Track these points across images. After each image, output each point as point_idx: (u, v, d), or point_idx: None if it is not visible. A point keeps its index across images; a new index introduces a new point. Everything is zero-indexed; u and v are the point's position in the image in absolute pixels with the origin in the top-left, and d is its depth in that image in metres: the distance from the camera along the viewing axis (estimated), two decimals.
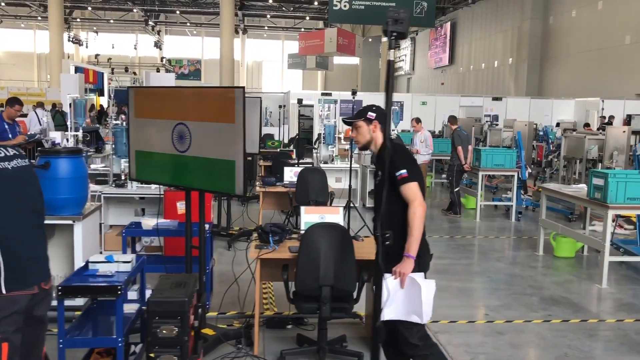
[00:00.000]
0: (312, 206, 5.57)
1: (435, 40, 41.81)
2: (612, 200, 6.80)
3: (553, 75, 28.26)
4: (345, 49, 31.15)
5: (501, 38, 32.88)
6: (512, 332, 5.49)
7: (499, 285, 6.97)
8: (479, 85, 35.40)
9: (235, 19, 41.93)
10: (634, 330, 5.60)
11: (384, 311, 3.57)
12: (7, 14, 43.17)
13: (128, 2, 38.60)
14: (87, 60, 43.07)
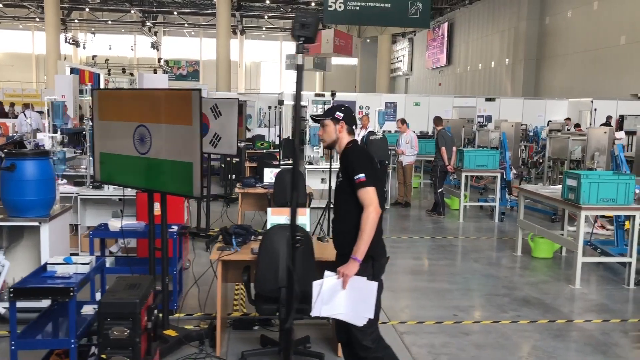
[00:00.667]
0: (278, 208, 5.57)
1: (432, 40, 41.83)
2: (585, 201, 6.81)
3: (549, 75, 28.28)
4: (342, 50, 31.18)
5: (498, 38, 32.89)
6: (478, 332, 5.50)
7: (473, 286, 6.98)
8: (475, 86, 35.40)
9: (233, 20, 42.06)
10: (601, 331, 5.62)
11: (319, 308, 3.68)
12: (5, 15, 43.21)
13: (126, 3, 38.68)
14: (85, 61, 43.13)
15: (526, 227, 8.18)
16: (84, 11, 41.86)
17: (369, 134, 11.00)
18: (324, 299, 3.70)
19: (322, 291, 3.69)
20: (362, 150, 4.03)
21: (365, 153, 4.00)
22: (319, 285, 3.70)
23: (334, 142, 4.03)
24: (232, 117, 8.00)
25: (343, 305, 3.70)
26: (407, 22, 25.25)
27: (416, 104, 21.86)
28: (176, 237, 5.53)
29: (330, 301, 3.70)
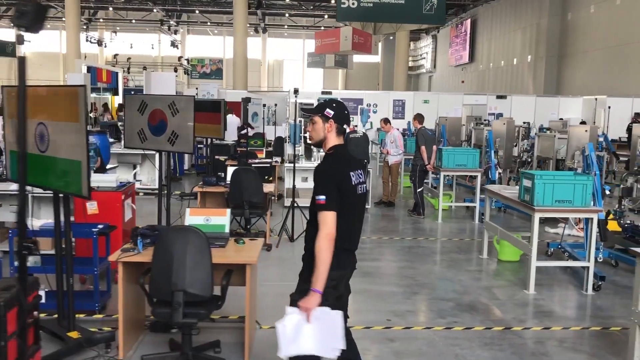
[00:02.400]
0: (199, 208, 5.45)
1: (455, 37, 41.26)
2: (539, 202, 6.53)
3: (571, 72, 27.61)
4: (361, 47, 30.90)
5: (520, 35, 32.25)
6: (404, 339, 5.30)
7: (422, 289, 6.76)
8: (498, 83, 34.80)
9: (255, 18, 42.13)
10: (536, 339, 5.36)
11: (287, 347, 3.35)
12: None
13: (149, 2, 39.00)
14: (111, 60, 43.72)
15: (490, 229, 7.91)
16: (108, 10, 42.34)
17: (349, 132, 10.81)
18: (290, 337, 3.36)
19: (287, 330, 3.36)
20: (334, 165, 3.56)
21: (335, 171, 3.52)
22: (283, 325, 3.37)
23: (321, 141, 3.69)
24: (188, 115, 7.88)
25: (311, 341, 3.38)
26: (421, 18, 24.87)
27: (425, 102, 21.57)
28: (96, 236, 5.44)
29: (297, 339, 3.36)
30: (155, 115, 8.19)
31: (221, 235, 5.17)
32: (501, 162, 12.22)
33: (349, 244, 3.60)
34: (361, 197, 3.63)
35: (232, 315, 5.58)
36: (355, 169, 3.60)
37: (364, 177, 3.67)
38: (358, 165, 3.70)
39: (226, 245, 5.00)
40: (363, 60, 44.48)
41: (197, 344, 4.88)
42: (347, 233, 3.55)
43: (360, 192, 3.59)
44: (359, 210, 3.68)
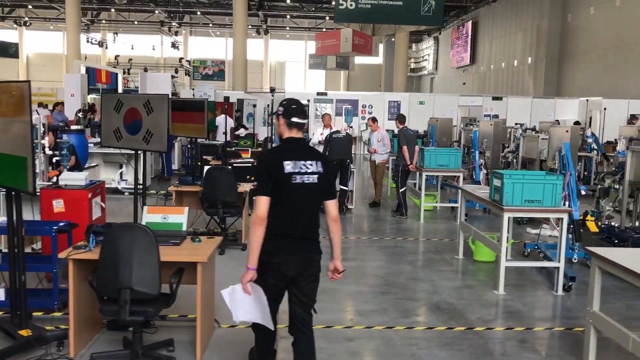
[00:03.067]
0: (156, 206, 5.42)
1: (457, 39, 41.18)
2: (508, 202, 6.48)
3: (571, 74, 27.49)
4: (361, 49, 30.92)
5: (521, 37, 32.14)
6: (363, 338, 5.25)
7: (391, 289, 6.71)
8: (499, 85, 34.69)
9: (257, 19, 42.15)
10: (497, 339, 5.31)
11: (236, 313, 3.89)
12: (36, 16, 44.26)
13: (151, 4, 39.07)
14: (112, 61, 43.82)
15: (465, 229, 7.85)
16: (110, 11, 42.46)
17: (332, 132, 10.78)
18: (237, 305, 3.83)
19: (233, 298, 3.83)
20: (269, 154, 4.00)
21: (267, 157, 3.92)
22: (226, 294, 3.84)
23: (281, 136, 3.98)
24: (162, 113, 7.87)
25: (249, 309, 3.83)
26: (420, 20, 24.85)
27: (420, 103, 21.50)
28: (55, 234, 5.42)
29: (241, 307, 3.82)
30: (130, 114, 8.19)
31: (178, 233, 5.15)
32: (488, 163, 12.18)
33: (288, 230, 3.78)
34: (302, 187, 3.76)
35: (192, 314, 5.53)
36: (298, 159, 3.77)
37: (315, 169, 3.80)
38: (308, 157, 3.83)
39: (181, 243, 4.97)
40: (365, 62, 44.47)
41: (151, 342, 4.87)
42: (285, 220, 3.77)
43: (297, 181, 3.74)
44: (302, 199, 3.78)
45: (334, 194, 4.00)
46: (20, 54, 44.92)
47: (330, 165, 3.99)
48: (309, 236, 3.87)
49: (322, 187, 3.85)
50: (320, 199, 3.91)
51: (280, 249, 3.76)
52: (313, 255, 3.88)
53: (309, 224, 3.87)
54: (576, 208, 7.19)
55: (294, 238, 3.80)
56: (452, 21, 41.72)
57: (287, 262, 3.78)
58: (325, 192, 3.90)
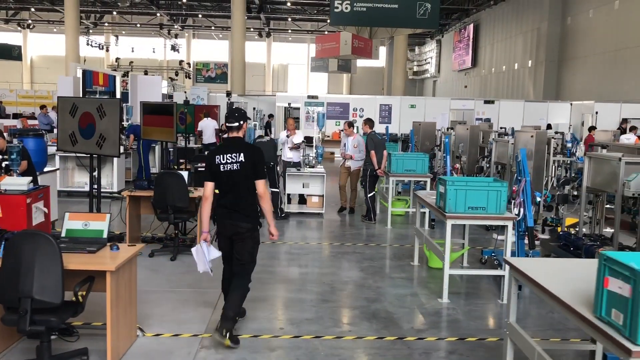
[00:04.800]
0: (78, 213, 5.35)
1: (459, 42, 40.99)
2: (451, 209, 6.36)
3: (571, 77, 27.25)
4: (361, 52, 30.75)
5: (521, 40, 31.93)
6: (287, 348, 5.16)
7: (333, 296, 6.60)
8: (500, 88, 34.48)
9: (259, 22, 42.18)
10: (425, 349, 5.20)
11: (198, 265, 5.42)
12: (40, 19, 44.55)
13: (153, 7, 39.18)
14: (112, 64, 43.98)
15: (419, 235, 7.73)
16: (115, 15, 42.66)
17: (256, 138, 11.28)
18: (198, 259, 5.38)
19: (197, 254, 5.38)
20: (209, 153, 5.64)
21: (207, 156, 5.48)
22: (195, 250, 5.41)
23: None
24: (114, 118, 7.82)
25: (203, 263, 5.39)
26: (415, 23, 24.72)
27: (412, 106, 21.36)
28: None
29: (199, 260, 5.38)
30: (85, 119, 8.15)
31: (98, 240, 5.07)
32: (465, 168, 12.05)
33: (222, 202, 5.26)
34: (227, 172, 5.17)
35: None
36: (226, 153, 5.19)
37: (237, 159, 5.15)
38: (234, 150, 5.18)
39: (98, 251, 4.89)
40: (367, 64, 44.29)
41: (67, 350, 4.82)
42: (220, 196, 5.28)
43: (223, 169, 5.17)
44: (228, 181, 5.20)
45: (260, 176, 5.21)
46: (24, 56, 45.27)
47: (254, 154, 5.20)
48: (236, 208, 5.21)
49: (244, 171, 5.15)
50: (244, 181, 5.18)
51: (220, 216, 5.28)
52: (239, 223, 5.22)
53: (235, 199, 5.21)
54: (530, 215, 7.04)
55: (226, 208, 5.23)
56: (454, 24, 41.54)
57: (224, 225, 5.29)
58: (251, 174, 5.17)
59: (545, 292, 3.86)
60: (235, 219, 5.20)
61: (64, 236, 5.15)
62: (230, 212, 5.20)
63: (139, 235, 8.68)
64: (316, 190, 11.05)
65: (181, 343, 5.19)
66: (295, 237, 9.44)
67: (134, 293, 5.16)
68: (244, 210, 5.20)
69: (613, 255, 3.26)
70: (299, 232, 9.89)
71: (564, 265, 4.47)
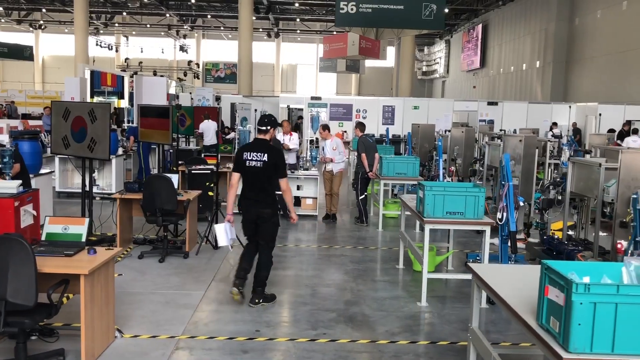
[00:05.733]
0: (58, 217, 5.49)
1: (467, 42, 40.92)
2: (429, 214, 6.45)
3: (578, 78, 27.18)
4: (368, 52, 30.75)
5: (529, 40, 31.86)
6: (260, 350, 5.27)
7: (313, 299, 6.70)
8: (508, 89, 34.42)
9: (268, 22, 42.34)
10: (395, 353, 5.30)
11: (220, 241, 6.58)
12: (51, 19, 45.00)
13: (162, 7, 39.47)
14: (121, 64, 44.31)
15: (404, 238, 7.82)
16: (125, 15, 42.99)
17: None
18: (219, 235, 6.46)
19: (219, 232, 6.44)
20: (238, 149, 6.68)
21: (237, 151, 6.62)
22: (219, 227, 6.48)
23: None
24: (105, 122, 7.99)
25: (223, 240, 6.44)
26: (421, 24, 24.72)
27: (415, 108, 21.40)
28: None
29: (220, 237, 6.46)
30: (77, 122, 8.32)
31: (76, 244, 5.21)
32: (460, 171, 12.10)
33: (246, 194, 6.34)
34: (252, 168, 6.20)
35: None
36: (251, 151, 6.26)
37: (260, 158, 6.18)
38: (259, 150, 6.23)
39: (75, 254, 5.03)
40: (376, 65, 44.28)
41: (44, 350, 4.96)
42: (244, 188, 6.37)
43: (248, 165, 6.21)
44: (251, 175, 6.24)
45: (282, 174, 6.29)
46: (36, 56, 45.71)
47: (276, 156, 6.27)
48: (258, 199, 6.25)
49: (266, 169, 6.17)
50: (265, 177, 6.21)
51: (245, 205, 6.33)
52: (262, 210, 6.25)
53: (258, 191, 6.25)
54: (513, 219, 7.10)
55: (251, 199, 6.29)
56: (463, 24, 41.49)
57: (249, 211, 6.31)
58: (273, 172, 6.22)
59: (497, 297, 3.95)
60: (258, 207, 6.24)
61: (44, 240, 5.31)
62: (254, 202, 6.26)
63: (131, 237, 8.83)
64: (310, 192, 11.14)
65: (157, 344, 5.32)
66: (286, 240, 9.54)
67: (112, 295, 5.30)
68: (265, 200, 6.25)
69: (552, 264, 3.35)
70: (290, 234, 10.00)
71: (524, 271, 4.54)
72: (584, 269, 3.43)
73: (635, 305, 2.98)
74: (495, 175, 10.86)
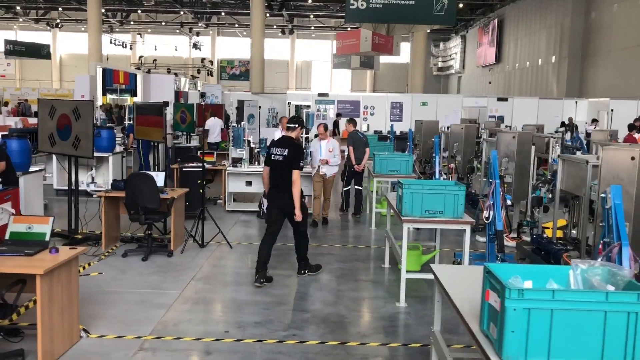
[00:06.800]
0: (23, 216, 5.44)
1: (483, 38, 40.45)
2: (407, 212, 6.30)
3: (594, 73, 26.70)
4: (381, 48, 30.59)
5: (545, 35, 31.39)
6: (224, 352, 5.17)
7: (290, 299, 6.60)
8: (523, 85, 33.97)
9: (282, 19, 42.25)
10: (363, 355, 5.17)
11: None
12: (68, 18, 45.35)
13: (177, 5, 39.54)
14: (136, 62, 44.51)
15: (389, 237, 7.67)
16: (137, 13, 43.18)
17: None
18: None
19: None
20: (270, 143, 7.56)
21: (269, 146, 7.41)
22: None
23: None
24: (88, 120, 7.95)
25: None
26: (432, 19, 24.29)
27: (423, 104, 21.16)
28: None
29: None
30: (62, 120, 8.29)
31: (40, 243, 5.15)
32: (459, 168, 11.92)
33: (273, 184, 7.12)
34: (276, 162, 7.03)
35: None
36: (276, 147, 7.11)
37: (282, 153, 6.98)
38: (283, 145, 7.06)
39: (37, 253, 4.96)
40: (391, 61, 44.07)
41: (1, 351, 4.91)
42: (271, 179, 7.13)
43: (273, 158, 7.06)
44: (275, 168, 7.05)
45: (295, 167, 6.92)
46: (53, 55, 46.10)
47: (295, 151, 6.99)
48: (283, 189, 6.95)
49: (287, 162, 6.92)
50: (287, 169, 6.91)
51: (272, 193, 7.14)
52: (287, 200, 6.91)
53: (281, 182, 6.97)
54: (499, 218, 6.92)
55: (277, 188, 7.06)
56: (478, 19, 41.05)
57: (275, 200, 7.11)
58: (289, 165, 6.91)
59: (449, 299, 3.81)
60: (283, 197, 6.94)
61: (7, 239, 5.26)
62: (280, 191, 7.00)
63: (117, 234, 8.79)
64: (306, 190, 11.00)
65: (122, 345, 5.25)
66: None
67: (75, 295, 5.23)
68: (288, 189, 6.90)
69: (494, 267, 3.19)
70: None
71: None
72: (530, 273, 3.27)
73: (572, 312, 2.82)
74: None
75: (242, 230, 9.92)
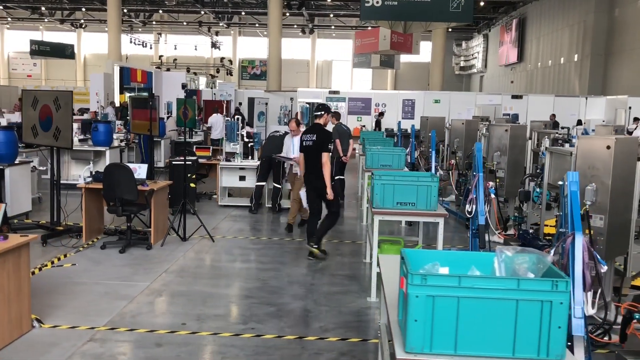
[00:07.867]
0: None
1: (505, 36, 39.86)
2: (378, 204, 6.09)
3: (618, 71, 26.09)
4: (400, 47, 30.28)
5: (567, 33, 30.80)
6: (175, 344, 5.01)
7: (259, 293, 6.40)
8: (546, 84, 33.38)
9: (302, 19, 42.14)
10: (318, 349, 4.98)
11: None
12: (92, 18, 45.84)
13: (197, 5, 39.68)
14: (165, 61, 44.80)
15: (369, 232, 7.44)
16: (158, 13, 43.44)
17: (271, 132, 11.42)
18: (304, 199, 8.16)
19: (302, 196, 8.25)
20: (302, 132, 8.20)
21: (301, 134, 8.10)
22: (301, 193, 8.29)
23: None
24: (68, 110, 7.87)
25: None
26: (448, 16, 23.97)
27: (436, 101, 20.84)
28: None
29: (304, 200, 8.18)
30: (44, 111, 8.23)
31: None
32: (460, 164, 11.64)
33: (308, 166, 7.67)
34: (306, 147, 7.65)
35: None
36: (306, 134, 7.75)
37: (312, 138, 7.60)
38: (312, 132, 7.71)
39: None
40: (412, 60, 43.71)
41: None
42: (305, 161, 7.69)
43: (305, 144, 7.68)
44: (307, 153, 7.66)
45: (324, 150, 7.49)
46: (78, 55, 46.66)
47: (323, 136, 7.60)
48: (314, 172, 7.54)
49: (315, 147, 7.52)
50: (316, 154, 7.49)
51: (307, 177, 7.70)
52: (318, 181, 7.49)
53: (313, 166, 7.56)
54: (482, 212, 6.67)
55: (310, 173, 7.62)
56: (500, 18, 40.47)
57: (309, 183, 7.70)
58: (319, 149, 7.49)
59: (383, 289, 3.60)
60: (317, 180, 7.50)
61: None
62: (312, 174, 7.56)
63: (101, 226, 8.71)
64: None
65: (72, 335, 5.12)
66: (260, 232, 9.29)
67: (26, 283, 5.11)
68: (319, 175, 7.45)
69: (410, 253, 2.97)
70: (272, 226, 9.75)
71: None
72: (453, 260, 3.05)
73: (481, 300, 2.59)
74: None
75: (230, 224, 9.77)
